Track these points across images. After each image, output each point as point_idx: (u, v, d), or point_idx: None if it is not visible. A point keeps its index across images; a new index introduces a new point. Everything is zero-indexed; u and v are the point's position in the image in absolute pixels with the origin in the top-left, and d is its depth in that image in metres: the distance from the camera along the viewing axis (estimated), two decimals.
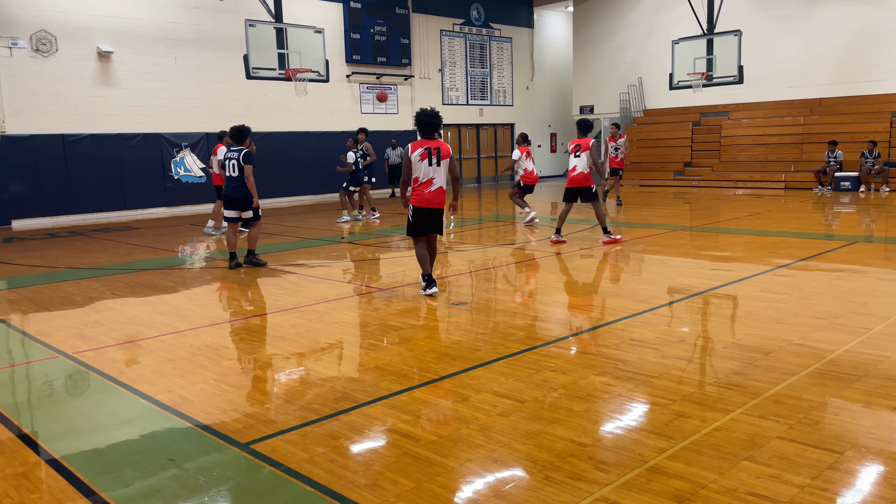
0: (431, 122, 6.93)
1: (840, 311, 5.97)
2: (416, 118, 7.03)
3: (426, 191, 6.92)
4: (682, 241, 10.36)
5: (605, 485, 3.09)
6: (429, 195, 6.93)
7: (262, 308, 6.98)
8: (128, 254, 10.84)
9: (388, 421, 3.90)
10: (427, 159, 6.88)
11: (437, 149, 6.92)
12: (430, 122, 6.92)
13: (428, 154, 6.88)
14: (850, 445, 3.41)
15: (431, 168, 6.90)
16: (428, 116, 6.92)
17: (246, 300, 7.44)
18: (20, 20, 15.23)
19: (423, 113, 6.95)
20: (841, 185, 17.75)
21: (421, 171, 6.91)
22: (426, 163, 6.89)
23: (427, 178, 6.91)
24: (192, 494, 3.16)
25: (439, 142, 6.99)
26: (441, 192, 6.97)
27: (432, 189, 6.92)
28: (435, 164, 6.90)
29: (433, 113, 6.95)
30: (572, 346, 5.31)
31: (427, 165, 6.89)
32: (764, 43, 20.43)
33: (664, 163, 21.97)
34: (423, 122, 6.95)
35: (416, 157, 6.89)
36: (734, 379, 4.38)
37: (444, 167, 6.97)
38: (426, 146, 6.91)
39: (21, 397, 4.69)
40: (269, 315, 6.65)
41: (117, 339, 5.84)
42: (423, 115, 6.94)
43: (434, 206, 6.97)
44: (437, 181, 6.93)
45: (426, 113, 6.94)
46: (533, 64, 27.19)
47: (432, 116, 6.93)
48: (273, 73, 15.26)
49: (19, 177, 15.43)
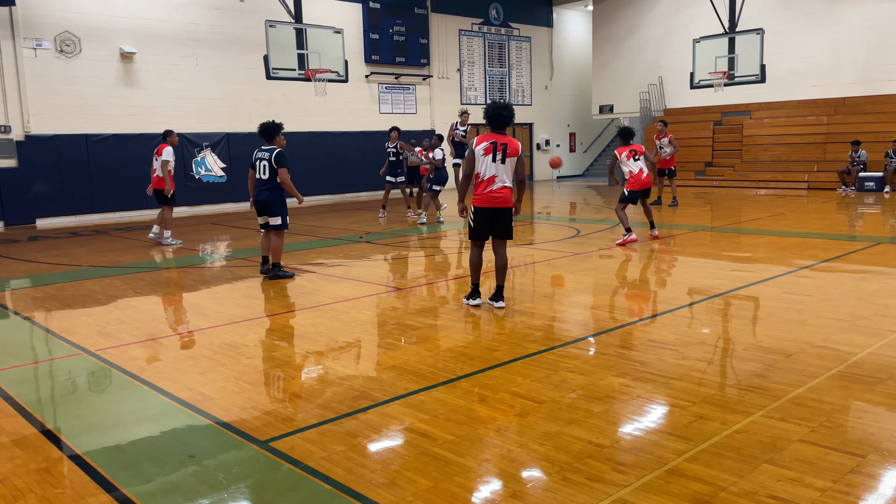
0: (501, 115, 6.32)
1: (863, 313, 5.89)
2: (486, 111, 6.43)
3: (487, 189, 6.30)
4: (704, 242, 10.27)
5: (623, 486, 3.08)
6: (490, 194, 6.30)
7: (280, 307, 7.02)
8: (149, 253, 10.95)
9: (406, 420, 3.91)
10: (492, 154, 6.28)
11: (503, 144, 6.29)
12: (499, 115, 6.32)
13: (493, 149, 6.28)
14: (872, 449, 3.37)
15: (495, 165, 6.28)
16: (497, 109, 6.32)
17: (265, 299, 7.49)
18: (44, 21, 15.45)
19: (492, 105, 6.37)
20: (865, 186, 17.50)
21: (483, 167, 6.30)
22: (490, 158, 6.28)
23: (489, 175, 6.29)
24: (211, 491, 3.19)
25: (508, 137, 6.36)
26: (505, 190, 6.33)
27: (494, 187, 6.29)
28: (500, 161, 6.28)
29: (503, 105, 6.35)
30: (591, 347, 5.29)
31: (491, 161, 6.28)
32: (787, 41, 20.19)
33: (685, 163, 21.76)
34: (492, 115, 6.35)
35: (479, 150, 6.32)
36: (755, 381, 4.33)
37: (509, 165, 6.32)
38: (492, 140, 6.32)
39: (44, 394, 4.76)
40: (288, 314, 6.69)
41: (139, 337, 5.91)
42: (493, 108, 6.35)
43: (497, 206, 6.33)
44: (500, 179, 6.29)
45: (496, 105, 6.35)
46: (552, 63, 27.09)
47: (502, 108, 6.32)
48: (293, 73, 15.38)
49: (43, 176, 15.65)
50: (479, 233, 6.49)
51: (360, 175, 20.91)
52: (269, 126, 8.09)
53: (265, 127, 8.08)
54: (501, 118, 6.34)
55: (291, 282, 8.07)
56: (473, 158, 6.40)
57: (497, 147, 6.30)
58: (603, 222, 12.94)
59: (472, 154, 6.42)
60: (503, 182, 6.32)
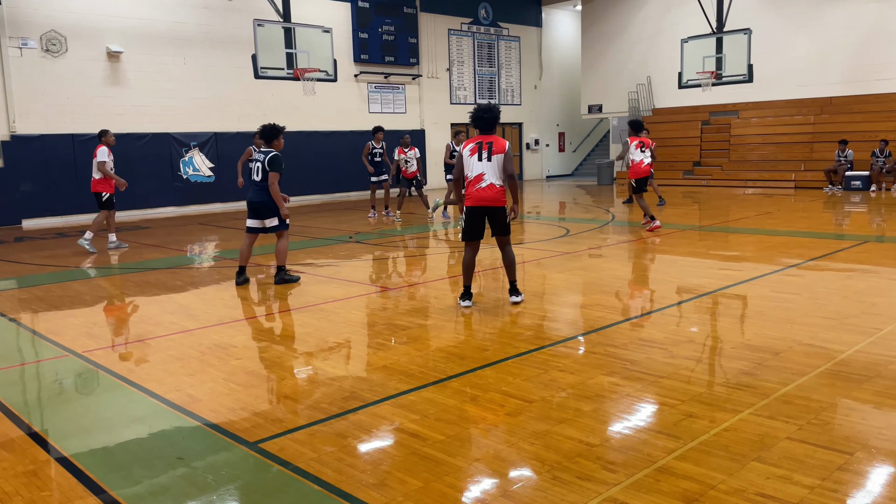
0: (483, 118, 6.46)
1: (851, 311, 5.93)
2: (471, 115, 6.58)
3: (475, 187, 6.40)
4: (692, 241, 10.32)
5: (613, 485, 3.08)
6: (478, 192, 6.39)
7: (270, 307, 6.99)
8: (137, 253, 10.89)
9: (396, 420, 3.90)
10: (477, 154, 6.41)
11: (489, 143, 6.40)
12: (481, 118, 6.47)
13: (479, 148, 6.41)
14: (860, 446, 3.39)
15: (481, 163, 6.37)
16: (480, 111, 6.47)
17: (254, 300, 7.46)
18: (30, 20, 15.33)
19: (476, 108, 6.52)
20: (852, 185, 17.64)
21: (470, 167, 6.43)
22: (475, 157, 6.40)
23: (476, 173, 6.39)
24: (200, 493, 3.17)
25: (494, 136, 6.47)
26: (494, 188, 6.37)
27: (483, 185, 6.37)
28: (486, 159, 6.36)
29: (486, 107, 6.48)
30: (580, 346, 5.30)
31: (476, 160, 6.40)
32: (774, 41, 20.32)
33: (673, 162, 21.88)
34: (476, 118, 6.52)
35: (466, 152, 6.47)
36: (743, 379, 4.36)
37: (496, 162, 6.37)
38: (478, 141, 6.47)
39: (31, 396, 4.72)
40: (278, 314, 6.67)
41: (127, 338, 5.87)
42: (477, 111, 6.51)
43: (487, 204, 6.41)
44: (488, 177, 6.36)
45: (479, 108, 6.50)
46: (541, 63, 27.14)
47: (484, 111, 6.46)
48: (281, 72, 15.32)
49: (29, 176, 15.52)
50: (471, 233, 6.54)
51: (349, 175, 20.88)
52: (268, 128, 7.89)
53: (265, 129, 7.88)
54: (483, 120, 6.46)
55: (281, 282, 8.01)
56: (462, 161, 6.51)
57: (483, 146, 6.40)
58: (592, 222, 12.97)
59: (460, 157, 6.56)
60: (490, 180, 6.37)
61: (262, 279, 8.35)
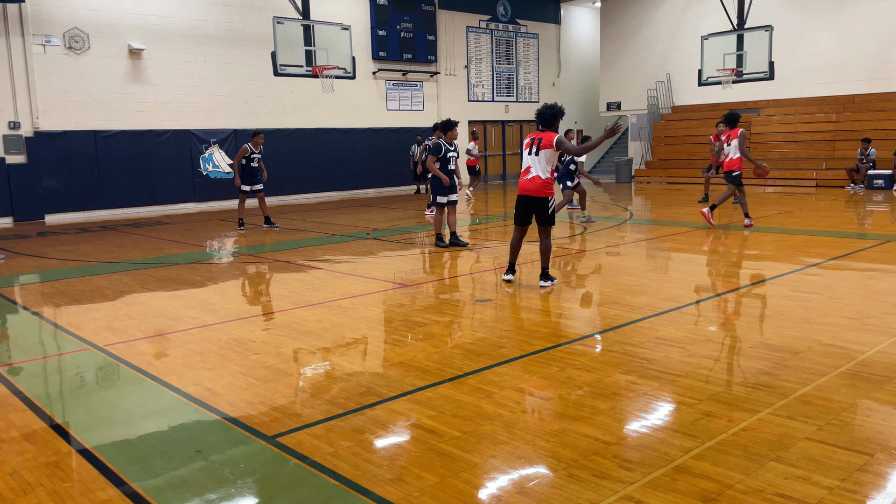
0: (542, 113, 7.09)
1: (872, 311, 5.86)
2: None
3: (523, 178, 7.11)
4: (711, 239, 10.24)
5: (629, 483, 3.08)
6: (524, 183, 7.08)
7: (288, 303, 7.04)
8: (157, 248, 11.00)
9: (413, 416, 3.92)
10: (529, 148, 7.08)
11: (539, 139, 7.01)
12: (540, 114, 7.11)
13: (531, 143, 7.06)
14: (880, 448, 3.36)
15: (530, 157, 7.04)
16: (541, 108, 7.14)
17: (272, 295, 7.51)
18: (53, 18, 15.52)
19: (541, 107, 7.17)
20: (874, 184, 17.40)
21: (523, 160, 7.17)
22: (527, 152, 7.10)
23: (525, 166, 7.10)
24: (219, 486, 3.20)
25: (546, 132, 7.06)
26: (538, 181, 6.98)
27: (528, 177, 7.04)
28: (534, 154, 7.00)
29: (545, 105, 7.12)
30: (597, 344, 5.28)
31: (527, 154, 7.09)
32: (795, 38, 20.08)
33: (692, 160, 21.70)
34: (536, 114, 7.19)
35: (524, 146, 7.20)
36: (762, 379, 4.32)
37: (543, 156, 6.96)
38: (532, 136, 7.11)
39: (53, 388, 4.79)
40: (296, 310, 6.71)
41: (147, 332, 5.94)
42: (539, 110, 7.17)
43: (529, 194, 7.05)
44: (534, 170, 6.99)
45: (543, 105, 7.15)
46: (559, 60, 27.03)
47: (544, 107, 7.10)
48: (300, 69, 15.37)
49: (52, 172, 15.73)
50: (517, 217, 7.27)
51: (367, 172, 20.94)
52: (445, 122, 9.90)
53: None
54: (542, 116, 7.11)
55: (299, 277, 8.07)
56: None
57: (534, 142, 7.05)
58: (610, 219, 12.91)
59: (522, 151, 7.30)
60: (535, 173, 6.99)
61: (275, 270, 8.39)
